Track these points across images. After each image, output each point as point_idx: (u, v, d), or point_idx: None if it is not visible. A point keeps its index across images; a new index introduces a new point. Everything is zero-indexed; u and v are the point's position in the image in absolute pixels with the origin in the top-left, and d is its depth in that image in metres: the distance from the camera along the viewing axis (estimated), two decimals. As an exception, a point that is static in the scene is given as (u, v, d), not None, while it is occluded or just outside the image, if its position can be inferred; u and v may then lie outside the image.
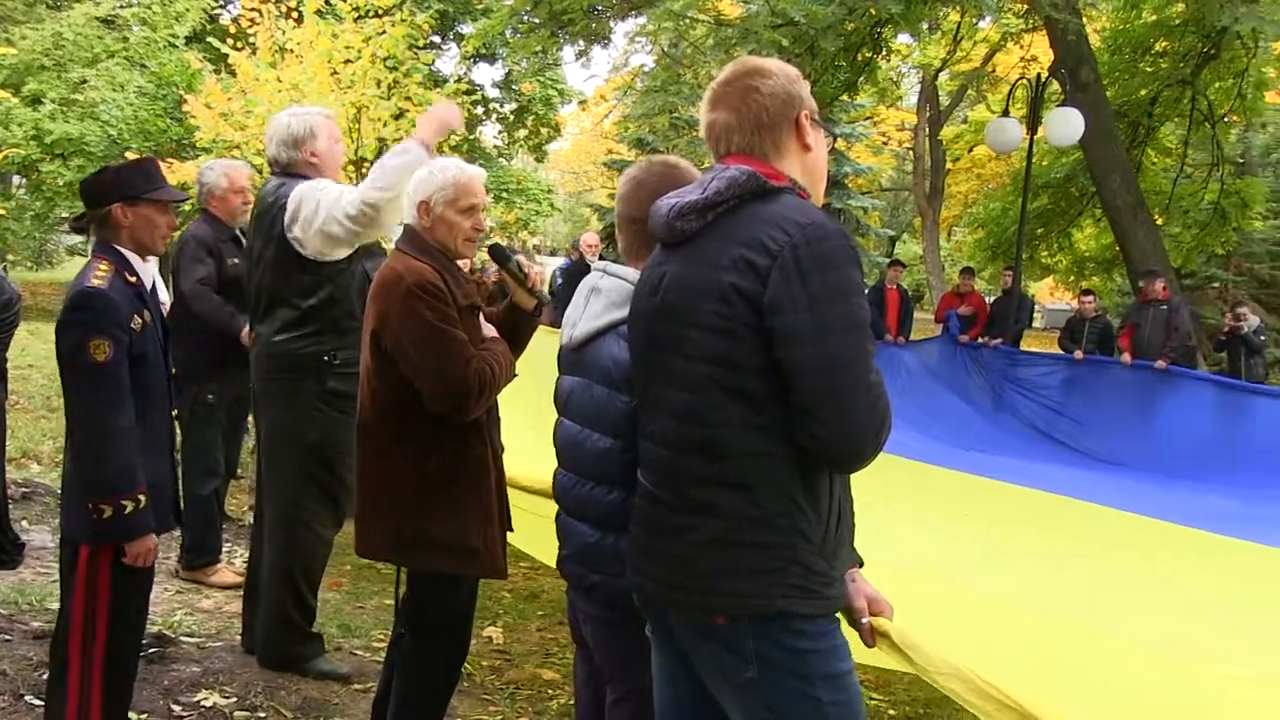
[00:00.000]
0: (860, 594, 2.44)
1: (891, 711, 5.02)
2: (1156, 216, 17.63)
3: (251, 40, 13.19)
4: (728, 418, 2.22)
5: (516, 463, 3.92)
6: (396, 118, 12.64)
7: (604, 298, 3.01)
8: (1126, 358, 12.08)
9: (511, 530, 3.75)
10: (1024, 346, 13.92)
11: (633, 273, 2.82)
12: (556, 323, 3.51)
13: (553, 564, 3.29)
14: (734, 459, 2.22)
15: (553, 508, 3.24)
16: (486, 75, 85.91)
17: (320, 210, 4.36)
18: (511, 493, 3.81)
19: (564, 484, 3.08)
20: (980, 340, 13.34)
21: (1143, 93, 17.57)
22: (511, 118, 34.40)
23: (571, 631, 3.37)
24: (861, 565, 2.50)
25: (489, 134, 35.67)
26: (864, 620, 2.42)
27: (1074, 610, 5.32)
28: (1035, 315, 31.24)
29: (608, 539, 2.87)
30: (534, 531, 3.98)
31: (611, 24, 15.96)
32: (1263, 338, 12.85)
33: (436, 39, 28.41)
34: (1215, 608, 6.17)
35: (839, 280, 2.16)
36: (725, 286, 2.20)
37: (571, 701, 3.69)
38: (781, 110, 2.36)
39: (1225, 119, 18.15)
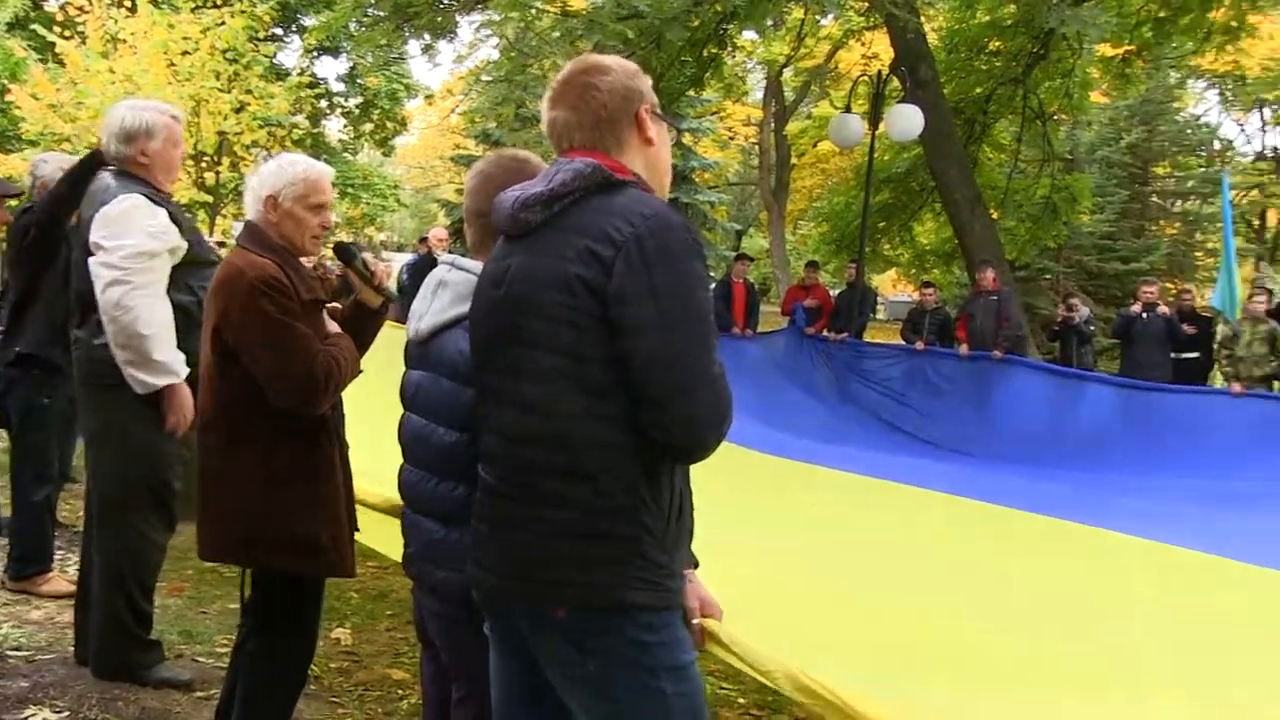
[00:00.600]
0: (693, 595, 2.43)
1: (741, 700, 5.07)
2: (992, 210, 18.20)
3: (81, 29, 12.72)
4: (572, 409, 2.21)
5: (362, 461, 3.86)
6: (237, 111, 12.34)
7: (451, 291, 2.97)
8: (964, 348, 12.42)
9: (358, 529, 3.68)
10: (868, 338, 14.22)
11: (480, 266, 2.78)
12: (403, 318, 3.47)
13: (399, 562, 3.24)
14: (578, 450, 2.21)
15: (399, 505, 3.19)
16: (331, 69, 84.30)
17: (100, 251, 4.20)
18: (358, 489, 3.75)
19: (410, 480, 3.03)
20: (825, 333, 13.57)
21: (978, 90, 18.11)
22: (357, 112, 33.91)
23: (417, 631, 3.32)
24: (696, 566, 2.51)
25: (334, 128, 35.12)
26: (695, 622, 2.43)
27: (917, 598, 5.44)
28: (878, 307, 32.04)
29: (454, 534, 2.83)
30: (381, 529, 3.92)
31: (457, 18, 15.83)
32: (1092, 327, 13.36)
33: (278, 31, 27.80)
34: (1053, 590, 6.39)
35: (682, 272, 2.17)
36: (570, 278, 2.19)
37: (422, 701, 3.64)
38: (620, 106, 2.37)
39: (1055, 117, 18.82)
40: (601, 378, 2.19)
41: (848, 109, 14.79)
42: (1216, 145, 33.63)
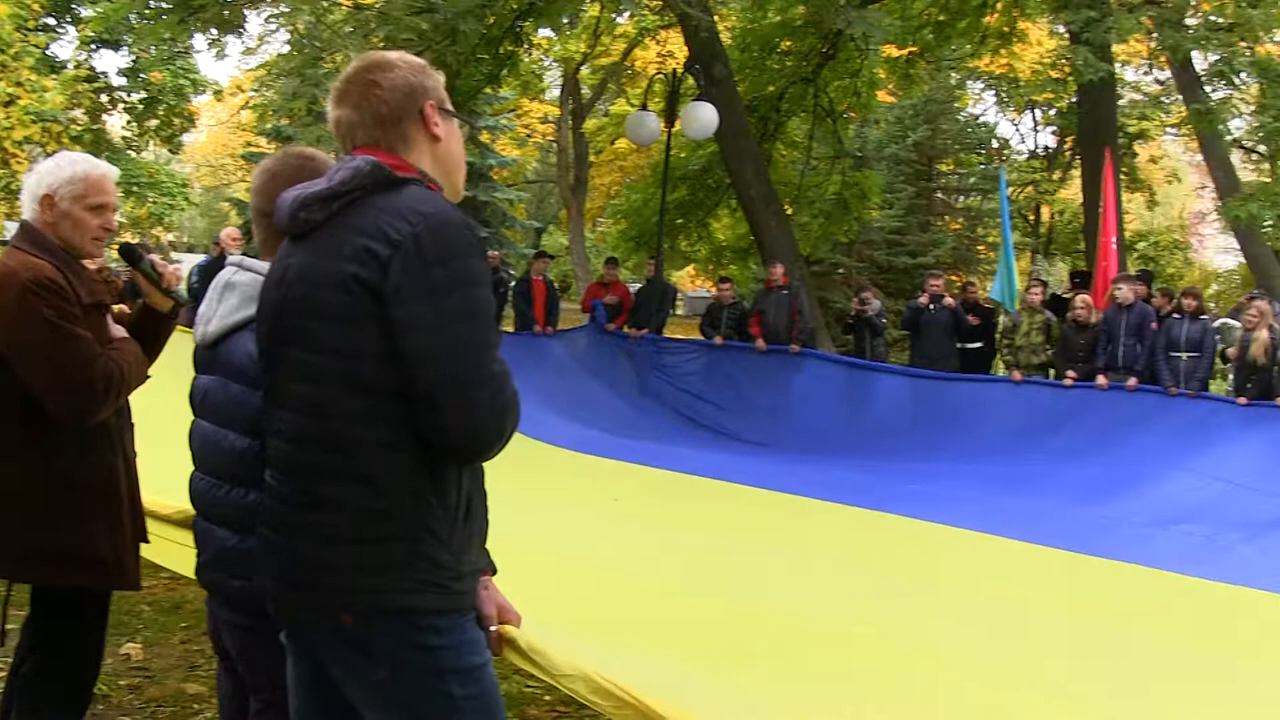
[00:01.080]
0: (490, 601, 2.42)
1: (548, 697, 5.04)
2: (786, 207, 18.60)
3: None
4: (350, 410, 2.17)
5: (151, 471, 3.70)
6: (6, 104, 11.69)
7: (239, 293, 2.90)
8: (760, 343, 12.64)
9: (147, 540, 3.53)
10: (667, 334, 14.33)
11: (267, 267, 2.70)
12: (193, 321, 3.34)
13: (192, 573, 3.12)
14: (357, 452, 2.18)
15: (191, 514, 3.08)
16: (111, 62, 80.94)
17: None
18: (147, 500, 3.59)
19: (200, 488, 2.95)
20: (625, 329, 13.63)
21: (771, 89, 18.49)
22: (141, 107, 32.54)
23: (213, 642, 3.23)
24: (494, 572, 2.49)
25: (116, 124, 33.67)
26: (492, 628, 2.41)
27: (719, 592, 5.51)
28: (678, 303, 32.39)
29: (247, 542, 2.74)
30: (172, 540, 3.76)
31: (245, 11, 15.33)
32: (883, 320, 13.73)
33: (51, 21, 26.49)
34: (845, 573, 6.56)
35: (461, 270, 2.15)
36: (347, 277, 2.16)
37: (218, 716, 3.51)
38: (403, 103, 2.35)
39: (844, 115, 19.36)
40: (379, 378, 2.16)
41: (644, 107, 14.92)
42: (995, 144, 35.16)
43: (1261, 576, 7.31)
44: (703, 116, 13.92)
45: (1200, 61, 22.28)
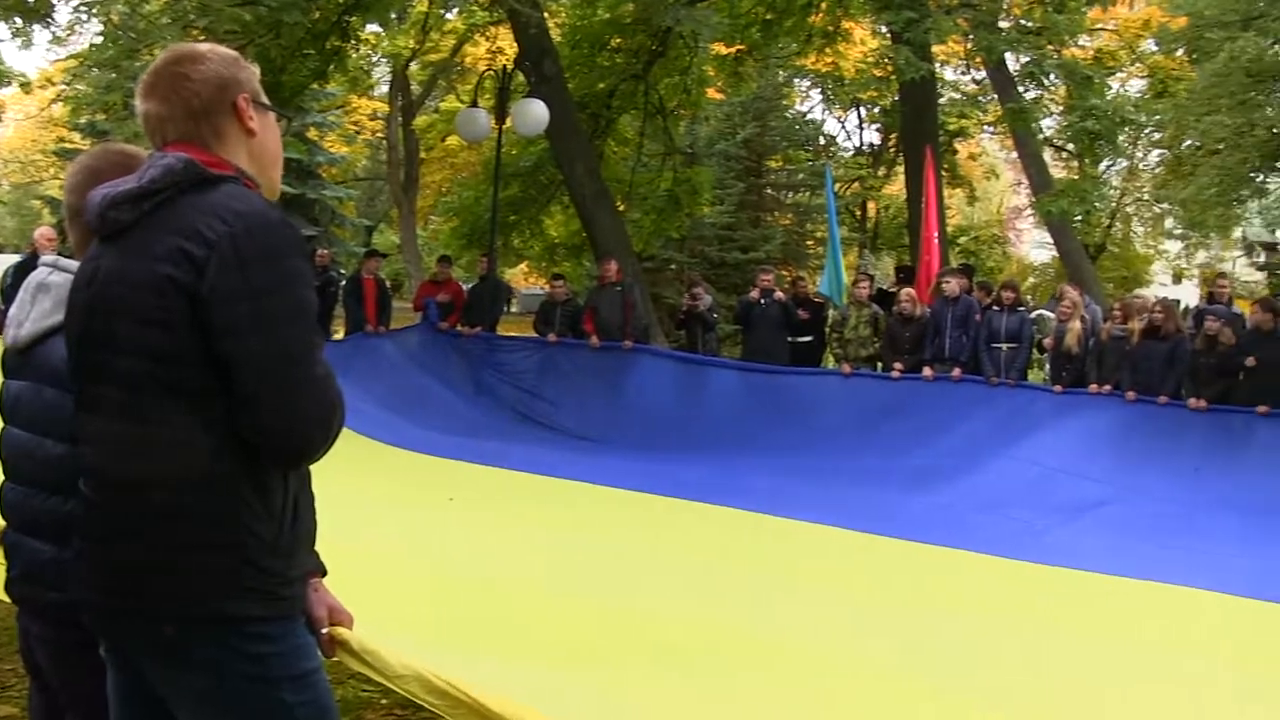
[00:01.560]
0: (321, 603, 2.36)
1: (385, 700, 4.93)
2: (619, 203, 18.65)
3: None
4: (167, 414, 2.08)
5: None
6: None
7: (53, 295, 2.78)
8: (594, 339, 12.61)
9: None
10: (501, 331, 14.20)
11: (83, 267, 2.57)
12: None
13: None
14: (175, 457, 2.09)
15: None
16: (-93, 52, 76.74)
17: None
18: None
19: (13, 498, 2.81)
20: (459, 327, 13.47)
21: (601, 86, 18.50)
22: (-61, 100, 30.98)
23: (24, 661, 3.09)
24: (324, 574, 2.42)
25: (-89, 118, 31.96)
26: (324, 630, 2.35)
27: (556, 585, 5.47)
28: (512, 301, 32.22)
29: (66, 553, 2.60)
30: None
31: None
32: (715, 315, 13.83)
33: None
34: (683, 567, 6.60)
35: (281, 270, 2.08)
36: (161, 279, 2.06)
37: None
38: (215, 96, 2.26)
39: (675, 112, 19.49)
40: (197, 381, 2.07)
41: (474, 103, 14.78)
42: (822, 141, 35.87)
43: (1076, 558, 7.60)
44: (533, 113, 13.84)
45: (1013, 63, 23.09)
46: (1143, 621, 6.31)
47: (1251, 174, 30.96)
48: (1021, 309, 11.71)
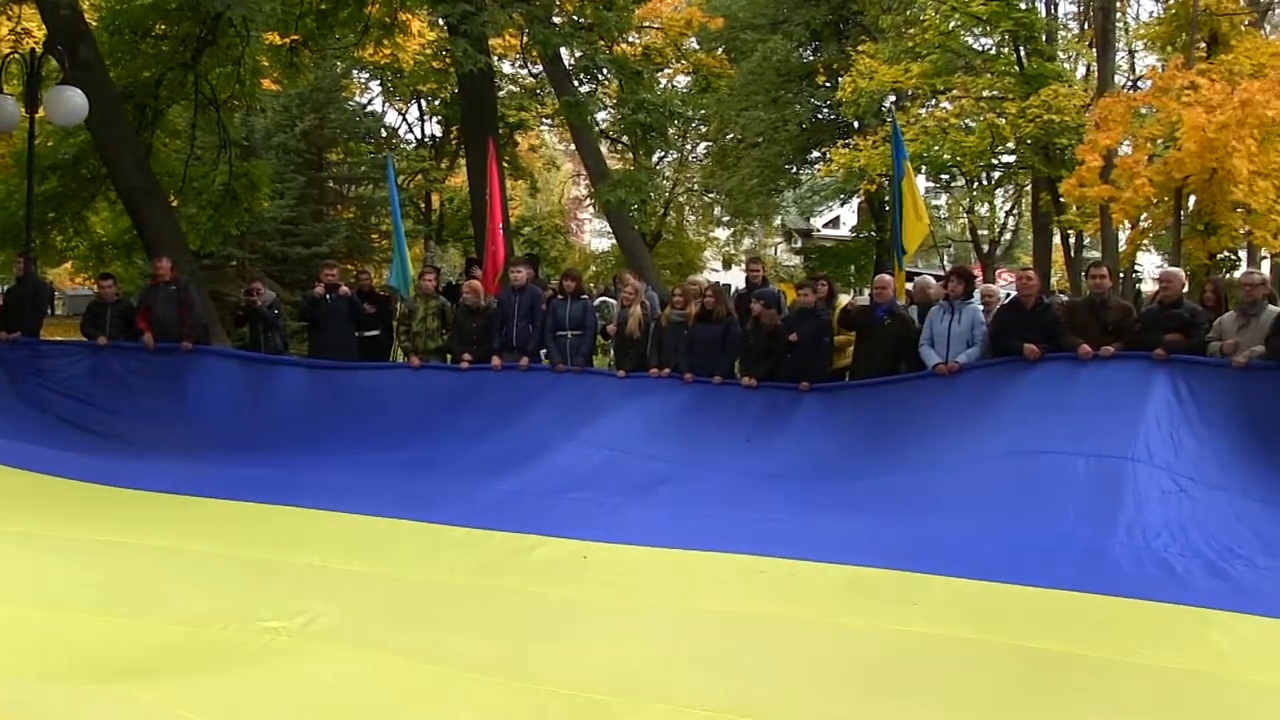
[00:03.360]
0: None
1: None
2: (171, 198, 17.78)
3: None
4: None
5: None
6: None
7: None
8: (149, 338, 11.95)
9: None
10: (45, 336, 13.20)
11: None
12: None
13: None
14: None
15: None
16: None
17: None
18: None
19: None
20: (-5, 334, 12.41)
21: (146, 74, 17.52)
22: None
23: None
24: None
25: None
26: None
27: (105, 599, 5.24)
28: (56, 303, 30.03)
29: None
30: None
31: None
32: (277, 311, 13.47)
33: None
34: (242, 571, 6.49)
35: None
36: None
37: None
38: None
39: (229, 103, 18.77)
40: None
41: None
42: (384, 133, 35.60)
43: (641, 534, 8.04)
44: (69, 101, 12.92)
45: (568, 57, 23.90)
46: (702, 589, 6.77)
47: (786, 165, 33.63)
48: (584, 297, 12.13)
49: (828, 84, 31.45)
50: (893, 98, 28.72)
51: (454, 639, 5.32)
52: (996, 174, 32.79)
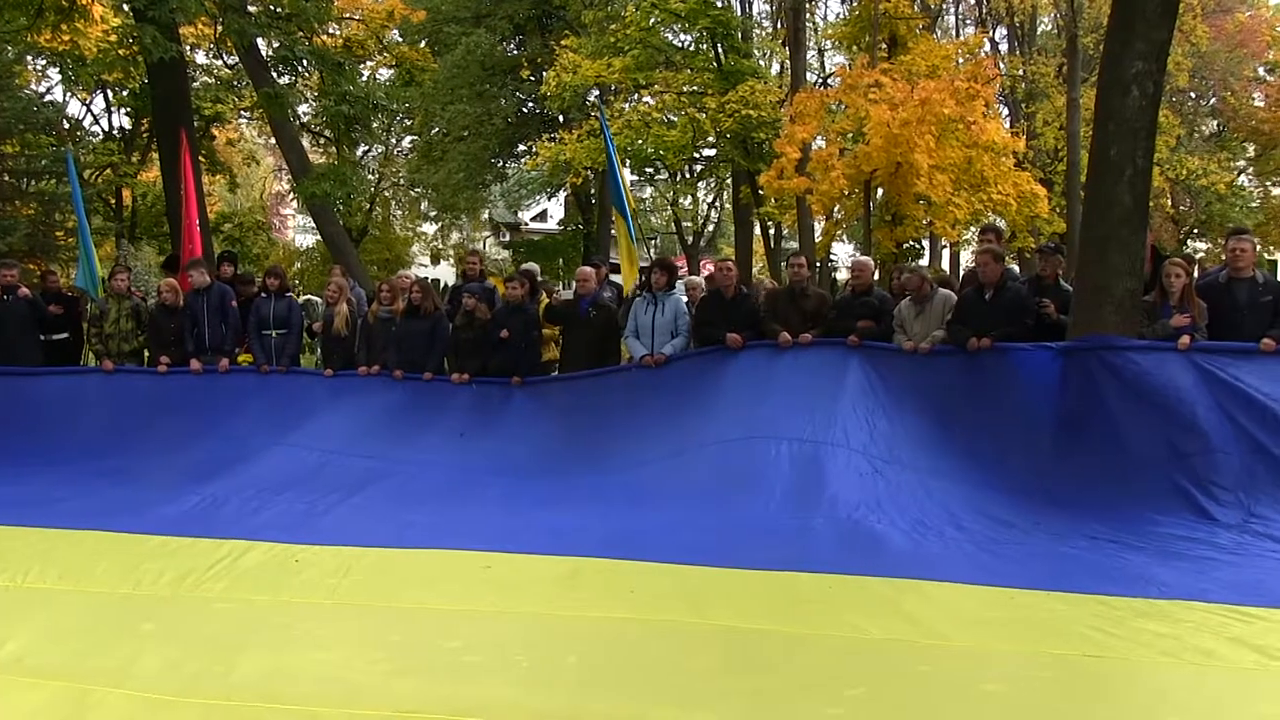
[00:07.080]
0: None
1: None
2: None
3: None
4: None
5: None
6: None
7: None
8: None
9: None
10: None
11: None
12: None
13: None
14: None
15: None
16: None
17: None
18: None
19: None
20: None
21: None
22: None
23: None
24: None
25: None
26: None
27: None
28: None
29: None
30: None
31: None
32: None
33: None
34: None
35: None
36: None
37: None
38: None
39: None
40: None
41: None
42: (66, 124, 33.51)
43: (355, 533, 7.89)
44: None
45: (265, 48, 23.13)
46: (421, 587, 6.68)
47: (493, 159, 33.60)
48: (289, 295, 11.78)
49: (532, 78, 31.56)
50: (596, 92, 29.09)
51: (156, 657, 5.07)
52: (699, 167, 33.76)
